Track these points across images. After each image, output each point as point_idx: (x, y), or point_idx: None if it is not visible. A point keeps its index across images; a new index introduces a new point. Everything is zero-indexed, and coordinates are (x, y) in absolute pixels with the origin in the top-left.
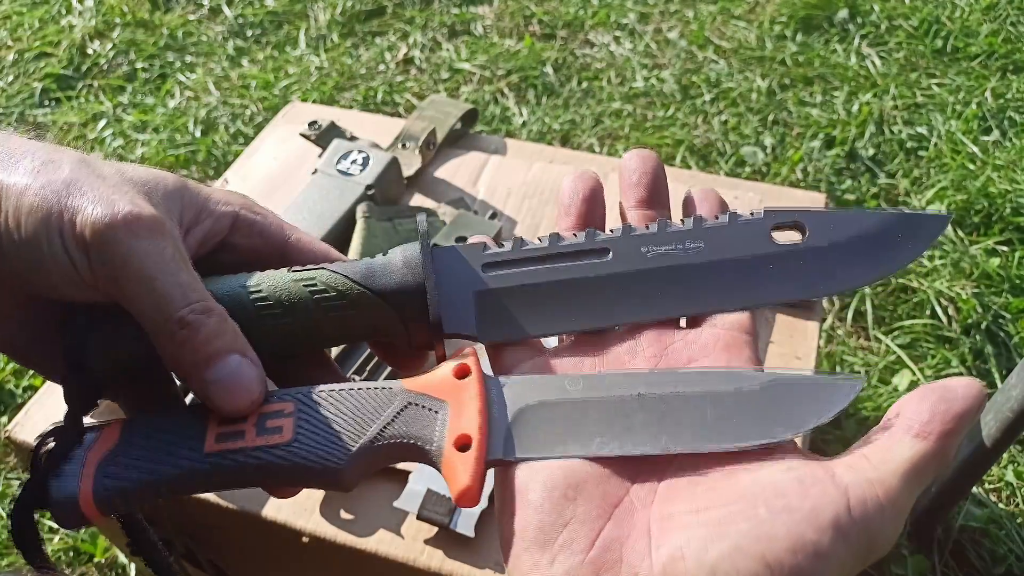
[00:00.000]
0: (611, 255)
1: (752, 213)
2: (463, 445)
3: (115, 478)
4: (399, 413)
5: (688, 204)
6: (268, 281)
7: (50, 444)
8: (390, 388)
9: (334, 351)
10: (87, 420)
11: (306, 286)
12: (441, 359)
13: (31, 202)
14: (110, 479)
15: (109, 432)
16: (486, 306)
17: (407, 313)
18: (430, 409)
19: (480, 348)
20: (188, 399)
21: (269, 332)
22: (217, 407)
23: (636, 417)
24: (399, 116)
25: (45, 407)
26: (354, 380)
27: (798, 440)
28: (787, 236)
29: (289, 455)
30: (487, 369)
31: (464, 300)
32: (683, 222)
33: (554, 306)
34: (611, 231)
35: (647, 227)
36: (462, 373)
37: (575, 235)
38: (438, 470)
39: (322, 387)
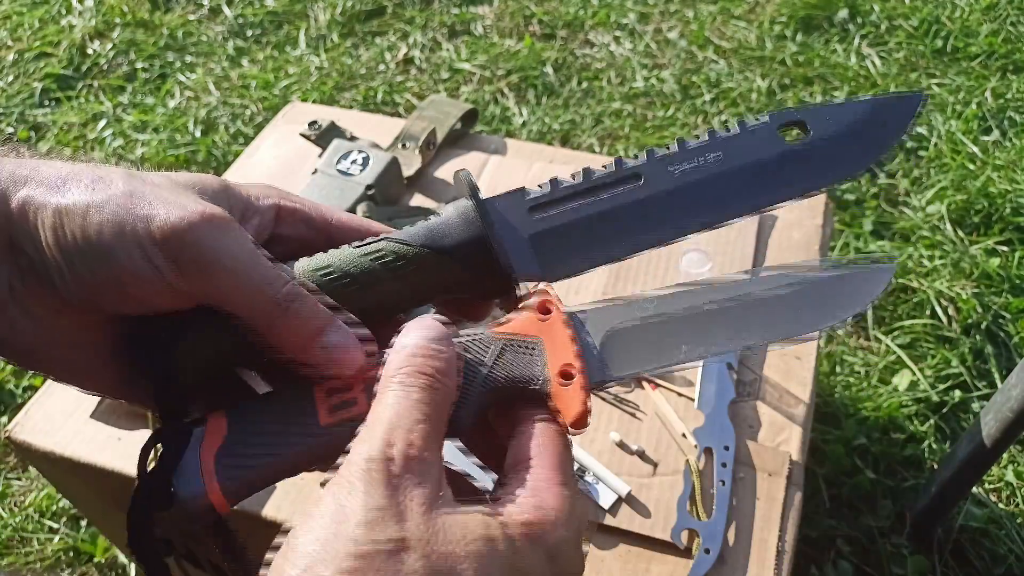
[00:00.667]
0: (643, 180)
1: (756, 118)
2: (566, 375)
3: (237, 468)
4: (499, 357)
5: None
6: (336, 260)
7: (158, 447)
8: (483, 335)
9: None
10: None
11: (375, 259)
12: (515, 304)
13: (99, 219)
14: (233, 470)
15: (215, 425)
16: (542, 247)
17: (474, 266)
18: (526, 348)
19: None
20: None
21: (348, 307)
22: (335, 372)
23: (710, 324)
24: (399, 116)
25: (45, 407)
26: None
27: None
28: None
29: None
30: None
31: (521, 244)
32: (698, 138)
33: (603, 236)
34: (635, 157)
35: (667, 148)
36: (544, 310)
37: (604, 167)
38: (544, 404)
39: None
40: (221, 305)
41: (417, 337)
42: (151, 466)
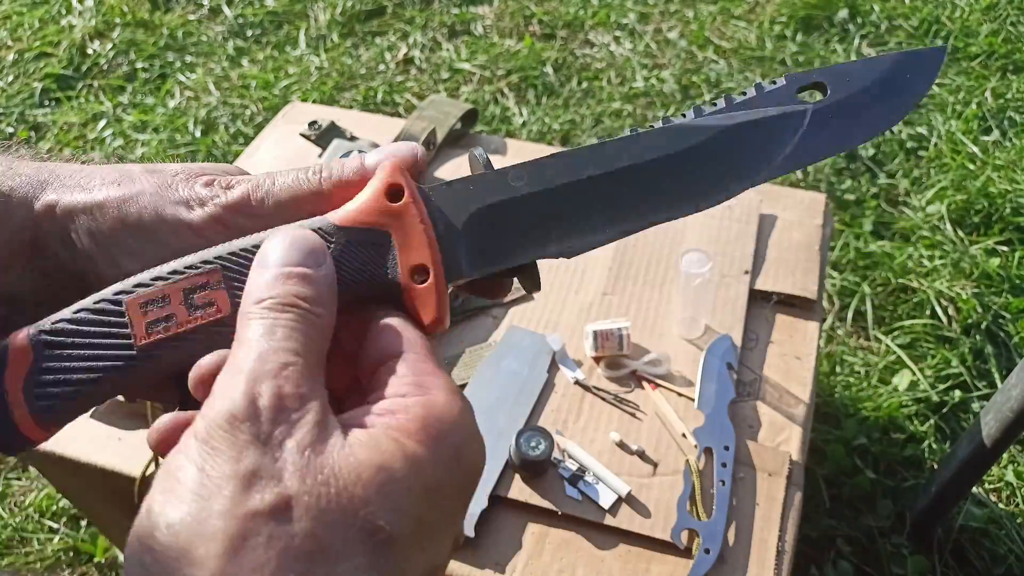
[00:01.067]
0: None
1: (775, 82)
2: (419, 273)
3: (49, 396)
4: (341, 256)
5: None
6: None
7: None
8: (322, 229)
9: None
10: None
11: None
12: (408, 169)
13: (137, 208)
14: (44, 398)
15: (19, 348)
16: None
17: None
18: (373, 243)
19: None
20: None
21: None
22: (398, 168)
23: (590, 202)
24: (399, 116)
25: None
26: None
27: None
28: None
29: (231, 328)
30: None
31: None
32: (715, 104)
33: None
34: (651, 125)
35: (683, 116)
36: (394, 193)
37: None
38: (401, 304)
39: (243, 241)
40: (275, 224)
41: (282, 254)
42: None
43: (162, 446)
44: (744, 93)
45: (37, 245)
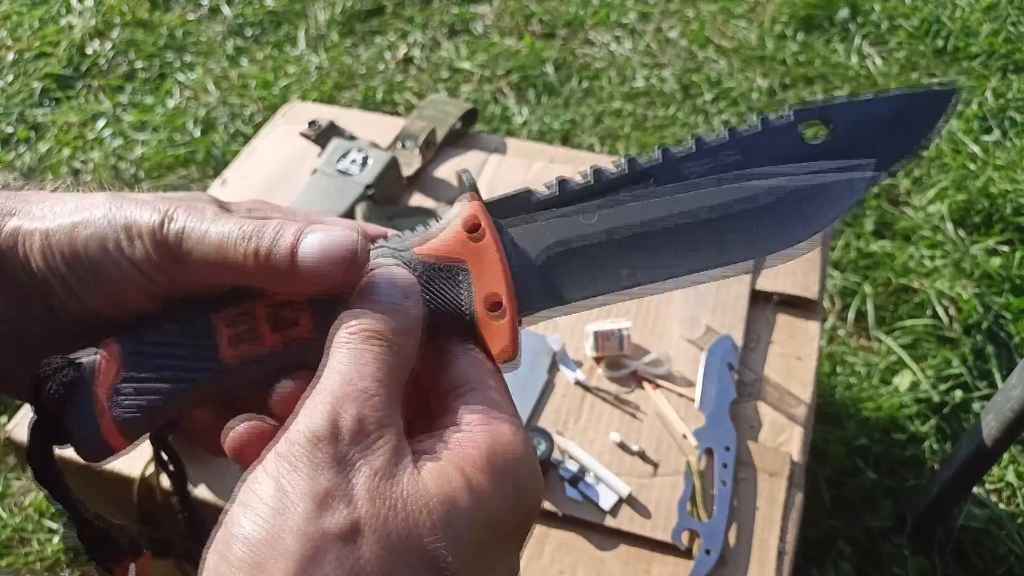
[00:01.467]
0: (653, 181)
1: (781, 116)
2: (493, 305)
3: (133, 405)
4: (423, 287)
5: None
6: None
7: (52, 382)
8: (406, 256)
9: None
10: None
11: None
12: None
13: (84, 236)
14: (128, 407)
15: (109, 357)
16: (551, 267)
17: None
18: (450, 275)
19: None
20: None
21: None
22: (327, 272)
23: (658, 242)
24: (399, 116)
25: None
26: None
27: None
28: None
29: (317, 352)
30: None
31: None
32: (717, 134)
33: (612, 254)
34: (648, 160)
35: (682, 146)
36: (473, 228)
37: (615, 166)
38: (474, 334)
39: None
40: (205, 275)
41: (379, 289)
42: (40, 399)
43: (236, 452)
44: (749, 126)
45: (5, 275)
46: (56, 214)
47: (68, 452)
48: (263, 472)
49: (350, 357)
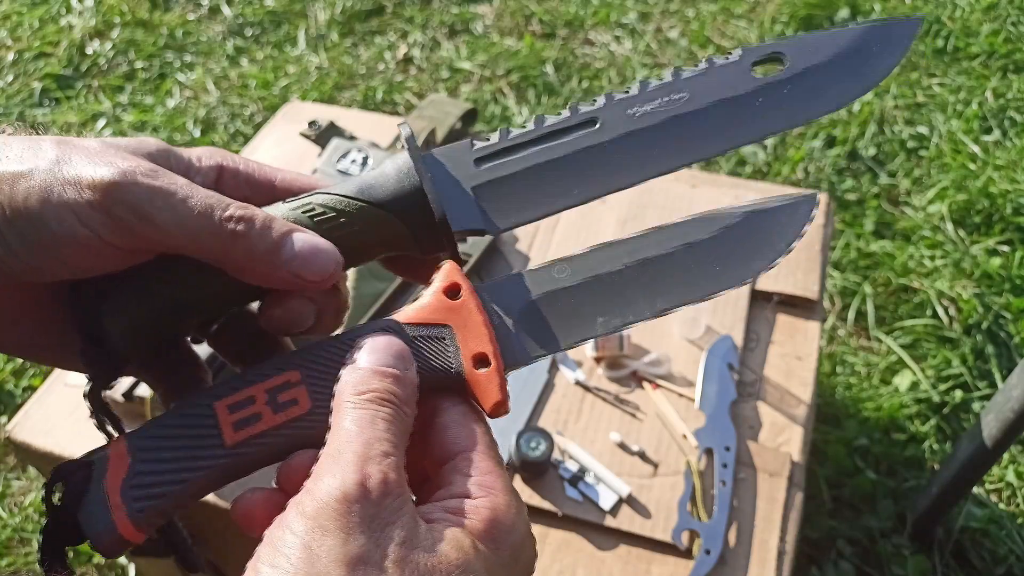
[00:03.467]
0: (599, 124)
1: (728, 56)
2: (480, 362)
3: (145, 498)
4: (412, 351)
5: None
6: None
7: (61, 484)
8: (391, 328)
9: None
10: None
11: (304, 212)
12: (454, 258)
13: (26, 187)
14: (140, 500)
15: (117, 454)
16: (487, 198)
17: (411, 218)
18: (436, 338)
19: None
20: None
21: None
22: (309, 279)
23: (629, 288)
24: (399, 115)
25: (44, 407)
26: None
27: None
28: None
29: (313, 423)
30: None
31: (464, 197)
32: (662, 78)
33: (553, 185)
34: (594, 101)
35: (628, 90)
36: (452, 291)
37: (559, 113)
38: (460, 392)
39: (318, 343)
40: (170, 250)
41: (378, 356)
42: (57, 499)
43: (246, 520)
44: (695, 67)
45: None
46: (3, 160)
47: (67, 452)
48: (290, 534)
49: (366, 419)
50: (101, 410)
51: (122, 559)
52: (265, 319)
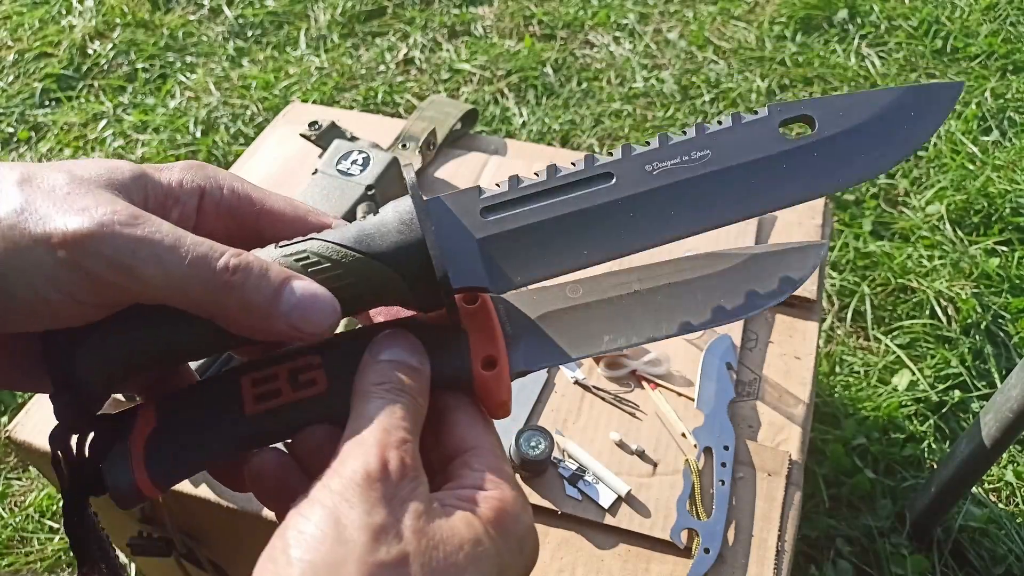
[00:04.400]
0: (615, 179)
1: (756, 112)
2: (489, 364)
3: (165, 456)
4: (427, 348)
5: None
6: None
7: (90, 435)
8: (409, 327)
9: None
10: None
11: (297, 260)
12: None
13: None
14: (161, 458)
15: (145, 414)
16: (493, 253)
17: (410, 272)
18: (451, 339)
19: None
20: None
21: None
22: (307, 331)
23: (636, 311)
24: (399, 116)
25: (45, 407)
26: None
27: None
28: (797, 131)
29: (327, 405)
30: None
31: (468, 250)
32: (685, 132)
33: (563, 242)
34: (610, 153)
35: (648, 144)
36: (471, 299)
37: (573, 164)
38: (468, 391)
39: (341, 334)
40: (154, 301)
41: (398, 350)
42: (80, 453)
43: (255, 478)
44: (720, 122)
45: None
46: None
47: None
48: (318, 505)
49: (383, 407)
50: (66, 455)
51: (122, 559)
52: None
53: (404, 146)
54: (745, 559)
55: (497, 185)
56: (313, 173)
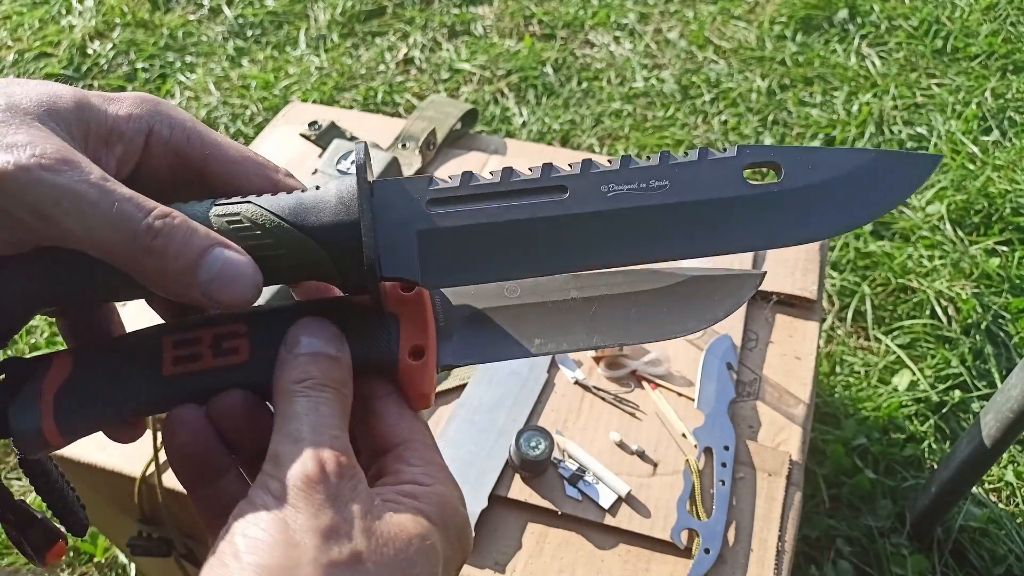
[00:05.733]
0: (568, 193)
1: (724, 149)
2: (416, 353)
3: (75, 407)
4: (355, 329)
5: None
6: (188, 215)
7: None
8: (343, 309)
9: None
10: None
11: (229, 222)
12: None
13: None
14: (71, 408)
15: (61, 362)
16: (431, 247)
17: (339, 254)
18: (382, 324)
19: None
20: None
21: None
22: (224, 303)
23: (570, 318)
24: (399, 116)
25: None
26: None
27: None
28: (761, 177)
29: (248, 374)
30: None
31: (406, 240)
32: (648, 158)
33: (504, 250)
34: (570, 166)
35: (609, 162)
36: (408, 286)
37: (530, 170)
38: (393, 378)
39: (276, 305)
40: (75, 246)
41: (314, 341)
42: None
43: (170, 426)
44: (687, 154)
45: None
46: None
47: (67, 451)
48: (263, 511)
49: (311, 406)
50: None
51: (122, 559)
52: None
53: (404, 146)
54: (745, 559)
55: (450, 178)
56: (313, 173)
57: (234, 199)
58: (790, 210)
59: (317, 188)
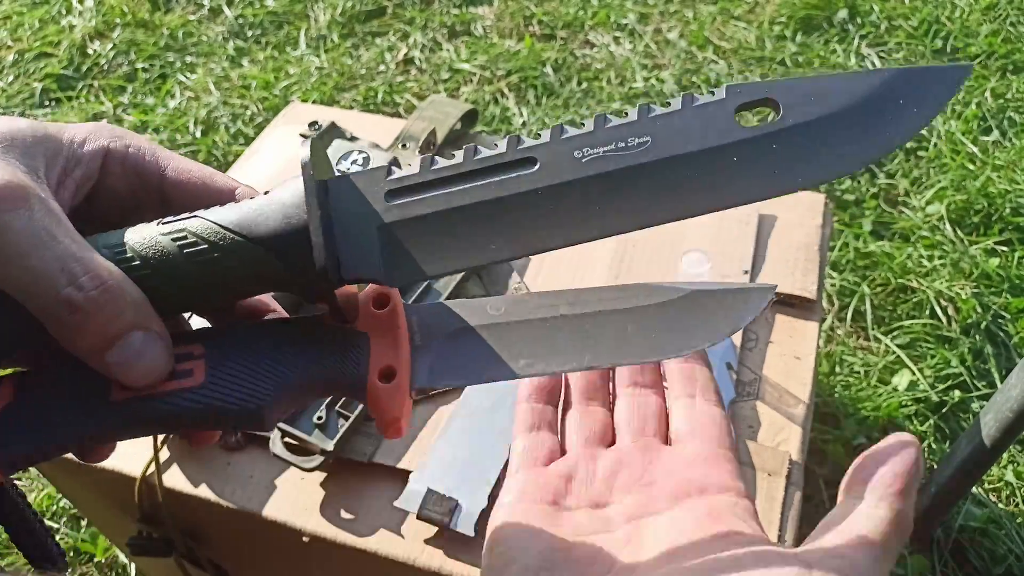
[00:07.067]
0: (538, 165)
1: (712, 92)
2: (387, 375)
3: (16, 439)
4: (320, 348)
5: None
6: (136, 238)
7: None
8: (311, 323)
9: None
10: None
11: (175, 240)
12: (336, 311)
13: None
14: (10, 440)
15: (1, 390)
16: (394, 242)
17: (291, 261)
18: (351, 343)
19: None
20: None
21: (148, 296)
22: (126, 383)
23: (559, 336)
24: (399, 116)
25: None
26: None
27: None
28: (757, 117)
29: (203, 398)
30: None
31: (366, 237)
32: (626, 114)
33: (473, 233)
34: (539, 134)
35: (582, 124)
36: (381, 302)
37: (496, 144)
38: (363, 402)
39: (235, 325)
40: (11, 293)
41: None
42: None
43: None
44: (669, 103)
45: None
46: None
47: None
48: None
49: None
50: None
51: (122, 559)
52: None
53: (404, 146)
54: None
55: (409, 165)
56: None
57: (182, 215)
58: (793, 150)
59: (266, 193)
